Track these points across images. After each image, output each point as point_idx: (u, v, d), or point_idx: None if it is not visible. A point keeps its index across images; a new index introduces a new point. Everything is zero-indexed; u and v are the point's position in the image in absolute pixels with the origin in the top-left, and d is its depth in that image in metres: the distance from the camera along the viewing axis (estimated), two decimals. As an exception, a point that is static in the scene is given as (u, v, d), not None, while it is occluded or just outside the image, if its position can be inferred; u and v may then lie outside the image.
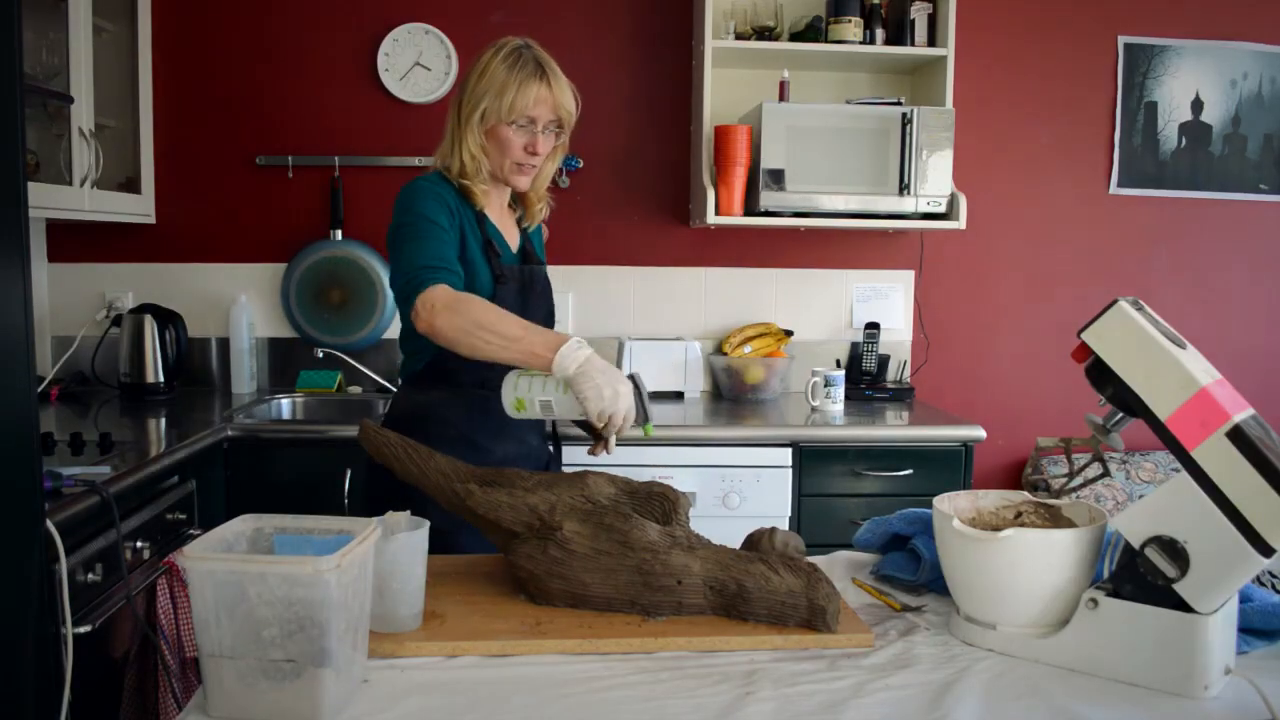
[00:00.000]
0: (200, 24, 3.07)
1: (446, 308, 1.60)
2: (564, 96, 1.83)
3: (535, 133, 1.81)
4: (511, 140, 1.80)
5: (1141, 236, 3.35)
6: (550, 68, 1.82)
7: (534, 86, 1.78)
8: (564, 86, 1.83)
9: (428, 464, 1.44)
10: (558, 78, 1.82)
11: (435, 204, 1.76)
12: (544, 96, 1.79)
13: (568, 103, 1.84)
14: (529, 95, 1.78)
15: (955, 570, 1.25)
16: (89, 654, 1.67)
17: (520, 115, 1.78)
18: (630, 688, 1.12)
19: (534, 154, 1.82)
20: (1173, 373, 1.11)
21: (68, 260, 3.08)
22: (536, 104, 1.79)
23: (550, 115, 1.82)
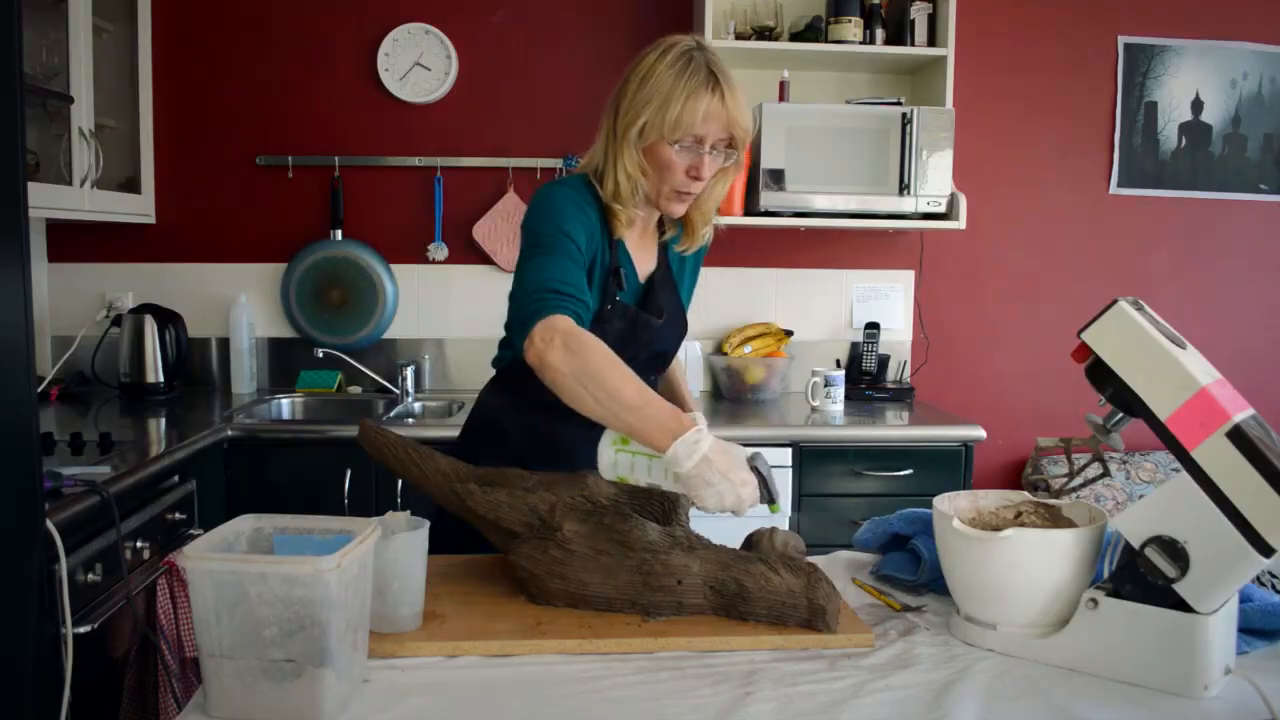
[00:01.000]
0: (200, 24, 3.07)
1: (564, 345, 1.36)
2: (739, 111, 1.55)
3: (701, 154, 1.55)
4: (673, 162, 1.55)
5: (1141, 236, 3.35)
6: (725, 77, 1.54)
7: (704, 99, 1.51)
8: (739, 99, 1.55)
9: (428, 464, 1.44)
10: (733, 89, 1.54)
11: (577, 221, 1.53)
12: (715, 111, 1.52)
13: (743, 119, 1.56)
14: (697, 109, 1.51)
15: (955, 570, 1.25)
16: (89, 654, 1.67)
17: (686, 133, 1.53)
18: (630, 688, 1.12)
19: (697, 179, 1.56)
20: (1173, 373, 1.11)
21: (68, 260, 3.08)
22: (706, 120, 1.52)
23: (721, 133, 1.55)
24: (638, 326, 1.64)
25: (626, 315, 1.62)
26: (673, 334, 1.73)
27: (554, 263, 1.47)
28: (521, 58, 3.14)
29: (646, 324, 1.65)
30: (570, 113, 3.16)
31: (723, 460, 1.30)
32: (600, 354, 1.36)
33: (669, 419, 1.30)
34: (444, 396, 3.09)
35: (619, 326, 1.61)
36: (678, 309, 1.74)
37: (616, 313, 1.61)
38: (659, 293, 1.69)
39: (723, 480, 1.29)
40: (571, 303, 1.43)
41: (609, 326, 1.60)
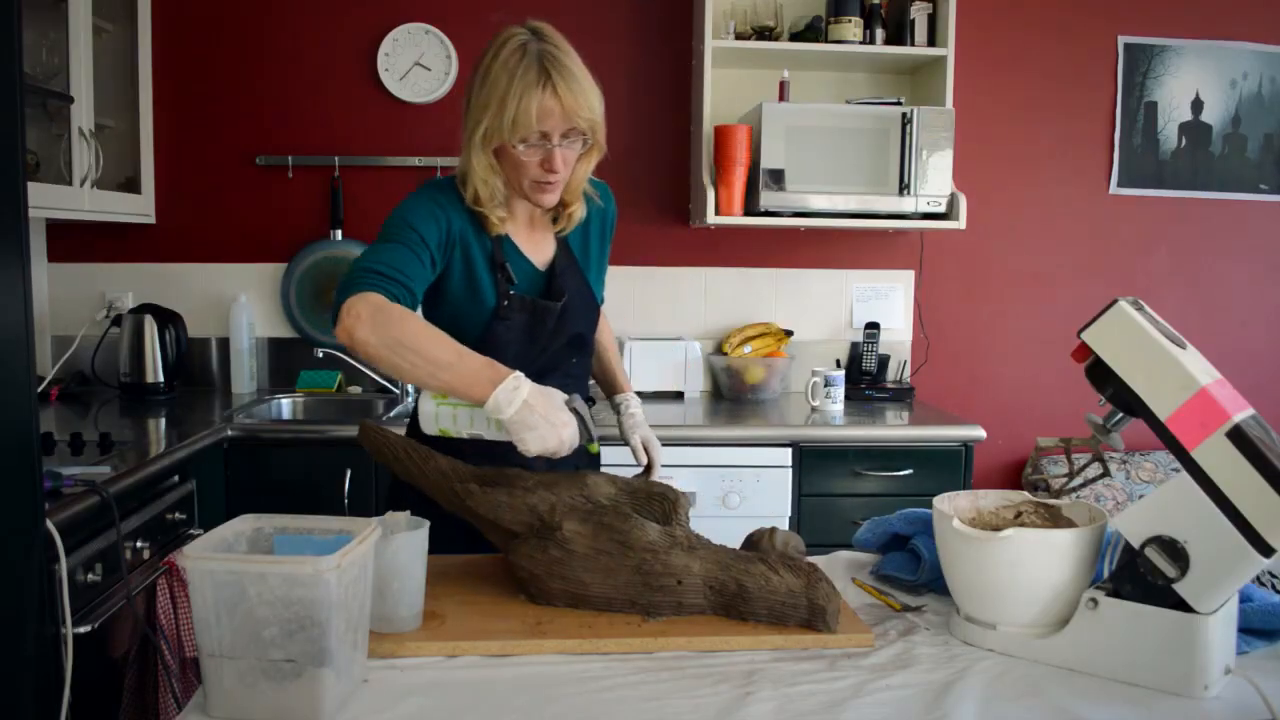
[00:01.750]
0: (200, 24, 3.07)
1: (370, 319, 1.37)
2: (577, 101, 1.50)
3: (550, 147, 1.52)
4: (522, 160, 1.53)
5: (1141, 236, 3.35)
6: (558, 66, 1.50)
7: (536, 97, 1.48)
8: (577, 88, 1.51)
9: (427, 464, 1.44)
10: (568, 79, 1.50)
11: (428, 215, 1.55)
12: (551, 107, 1.49)
13: (584, 108, 1.52)
14: (531, 109, 1.48)
15: (955, 570, 1.25)
16: (89, 654, 1.67)
17: (526, 133, 1.50)
18: (630, 688, 1.12)
19: (552, 172, 1.55)
20: (1173, 373, 1.11)
21: (68, 260, 3.08)
22: (543, 117, 1.49)
23: (563, 125, 1.51)
24: (540, 314, 1.65)
25: (524, 305, 1.63)
26: (583, 316, 1.72)
27: (386, 248, 1.48)
28: (521, 58, 3.13)
29: (547, 310, 1.65)
30: (570, 113, 3.15)
31: (541, 403, 1.35)
32: (409, 320, 1.40)
33: (485, 369, 1.36)
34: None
35: (521, 318, 1.63)
36: (583, 290, 1.73)
37: (514, 305, 1.62)
38: (562, 278, 1.68)
39: (543, 422, 1.34)
40: (388, 283, 1.43)
41: (511, 320, 1.62)
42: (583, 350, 1.77)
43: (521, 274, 1.65)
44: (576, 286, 1.71)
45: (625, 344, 3.01)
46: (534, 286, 1.67)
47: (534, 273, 1.68)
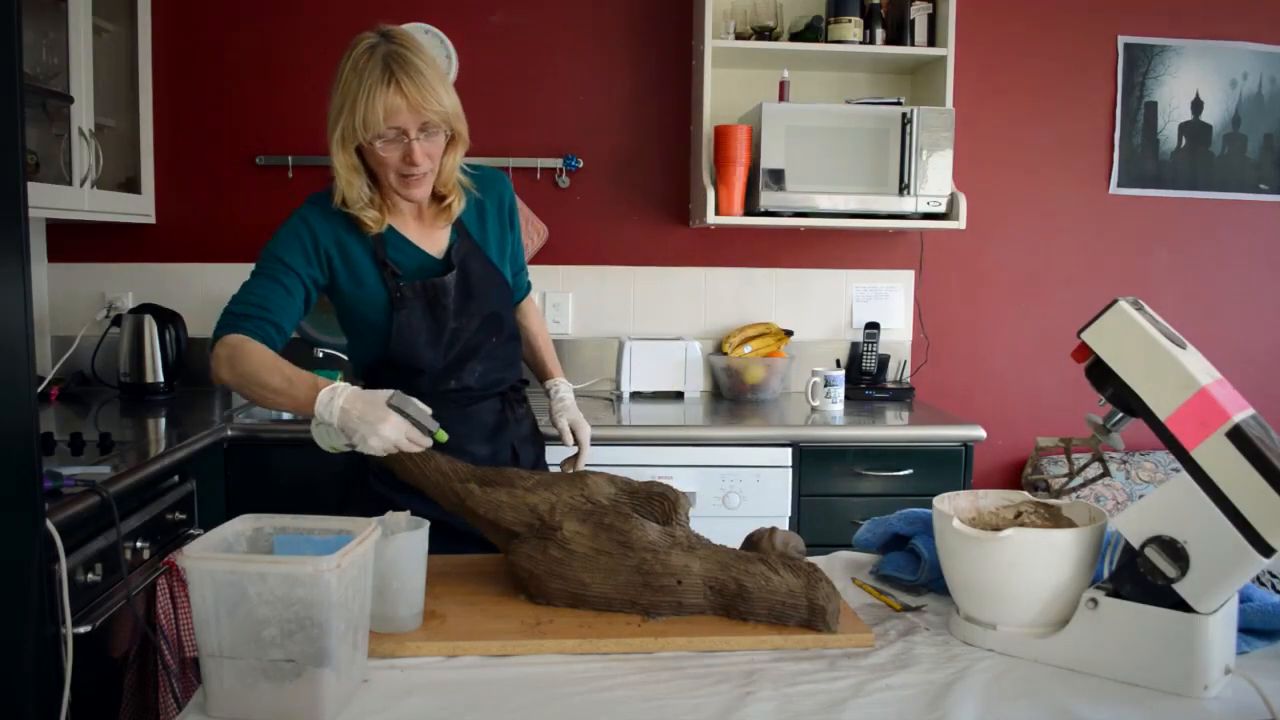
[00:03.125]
0: (200, 24, 3.07)
1: (228, 360, 1.57)
2: (423, 97, 1.56)
3: (408, 142, 1.59)
4: (382, 157, 1.60)
5: (1141, 236, 3.35)
6: (403, 65, 1.56)
7: (382, 95, 1.54)
8: (423, 84, 1.57)
9: (427, 464, 1.44)
10: (414, 76, 1.56)
11: (290, 238, 1.67)
12: (397, 105, 1.55)
13: (431, 103, 1.57)
14: (378, 107, 1.54)
15: (955, 570, 1.25)
16: (89, 654, 1.67)
17: (379, 130, 1.56)
18: (630, 688, 1.12)
19: (413, 164, 1.61)
20: (1173, 373, 1.11)
21: (68, 260, 3.08)
22: (391, 114, 1.55)
23: (416, 120, 1.58)
24: (436, 295, 1.71)
25: (416, 291, 1.70)
26: (491, 294, 1.78)
27: (251, 284, 1.65)
28: (521, 58, 3.14)
29: (440, 289, 1.71)
30: (570, 113, 3.16)
31: (358, 406, 1.44)
32: (253, 357, 1.56)
33: (308, 389, 1.49)
34: (444, 396, 3.08)
35: (420, 305, 1.70)
36: (488, 271, 1.79)
37: (407, 293, 1.69)
38: (462, 262, 1.75)
39: (361, 423, 1.43)
40: (246, 321, 1.61)
41: (410, 308, 1.70)
42: (501, 330, 1.82)
43: (413, 262, 1.73)
44: (479, 268, 1.77)
45: (625, 344, 3.01)
46: (430, 274, 1.74)
47: (428, 260, 1.74)
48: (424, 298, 1.71)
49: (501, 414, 1.83)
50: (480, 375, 1.79)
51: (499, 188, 1.85)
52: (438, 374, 1.75)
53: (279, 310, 1.64)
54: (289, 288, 1.65)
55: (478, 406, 1.80)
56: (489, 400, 1.82)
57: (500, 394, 1.84)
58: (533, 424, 1.95)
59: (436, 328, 1.72)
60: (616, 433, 2.60)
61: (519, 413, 1.89)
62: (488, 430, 1.81)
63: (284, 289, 1.65)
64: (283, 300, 1.64)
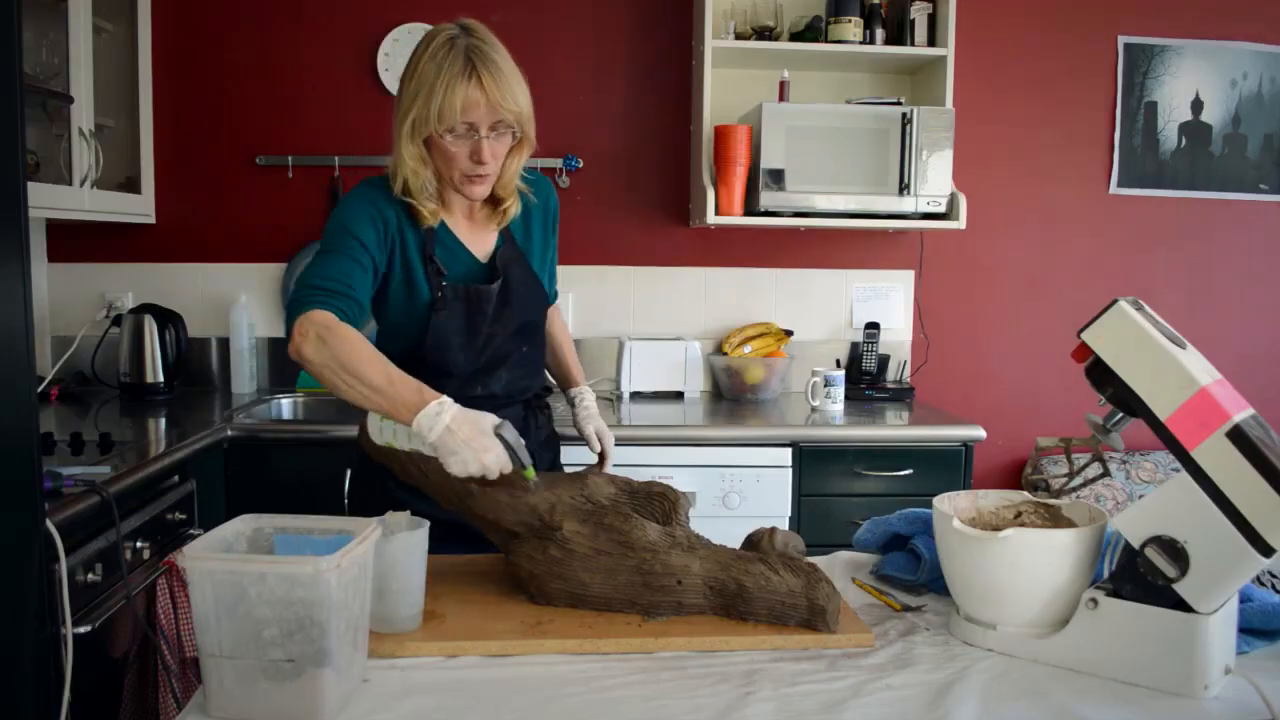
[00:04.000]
0: (200, 24, 3.07)
1: (318, 338, 1.45)
2: (501, 94, 1.54)
3: (478, 139, 1.56)
4: (451, 151, 1.57)
5: (1141, 236, 3.35)
6: (484, 60, 1.54)
7: (461, 88, 1.52)
8: (503, 82, 1.55)
9: (427, 464, 1.44)
10: (494, 73, 1.54)
11: (364, 217, 1.60)
12: (476, 99, 1.53)
13: (509, 101, 1.55)
14: (456, 100, 1.52)
15: (955, 570, 1.25)
16: (89, 654, 1.67)
17: (452, 123, 1.54)
18: (630, 688, 1.12)
19: (481, 163, 1.58)
20: (1173, 373, 1.11)
21: (68, 260, 3.08)
22: (469, 108, 1.53)
23: (490, 117, 1.56)
24: (478, 301, 1.68)
25: (459, 294, 1.66)
26: (530, 304, 1.76)
27: (329, 260, 1.55)
28: (521, 58, 3.10)
29: (484, 295, 1.68)
30: (570, 112, 3.16)
31: (465, 429, 1.37)
32: (350, 343, 1.45)
33: (412, 396, 1.39)
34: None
35: (460, 307, 1.66)
36: (528, 279, 1.76)
37: (449, 295, 1.65)
38: (505, 268, 1.71)
39: (464, 447, 1.35)
40: (335, 298, 1.50)
41: (450, 310, 1.65)
42: (533, 339, 1.80)
43: (460, 264, 1.69)
44: (521, 276, 1.74)
45: (625, 344, 3.01)
46: (474, 278, 1.71)
47: (474, 263, 1.71)
48: (465, 302, 1.67)
49: (524, 421, 1.80)
50: (507, 383, 1.75)
51: (546, 193, 1.81)
52: (466, 378, 1.70)
53: (362, 290, 1.56)
54: (364, 266, 1.58)
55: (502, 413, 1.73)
56: (513, 407, 1.78)
57: (525, 401, 1.81)
58: (551, 429, 1.93)
59: (472, 332, 1.68)
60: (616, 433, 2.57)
61: (540, 419, 1.86)
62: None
63: (360, 267, 1.57)
64: (361, 279, 1.56)
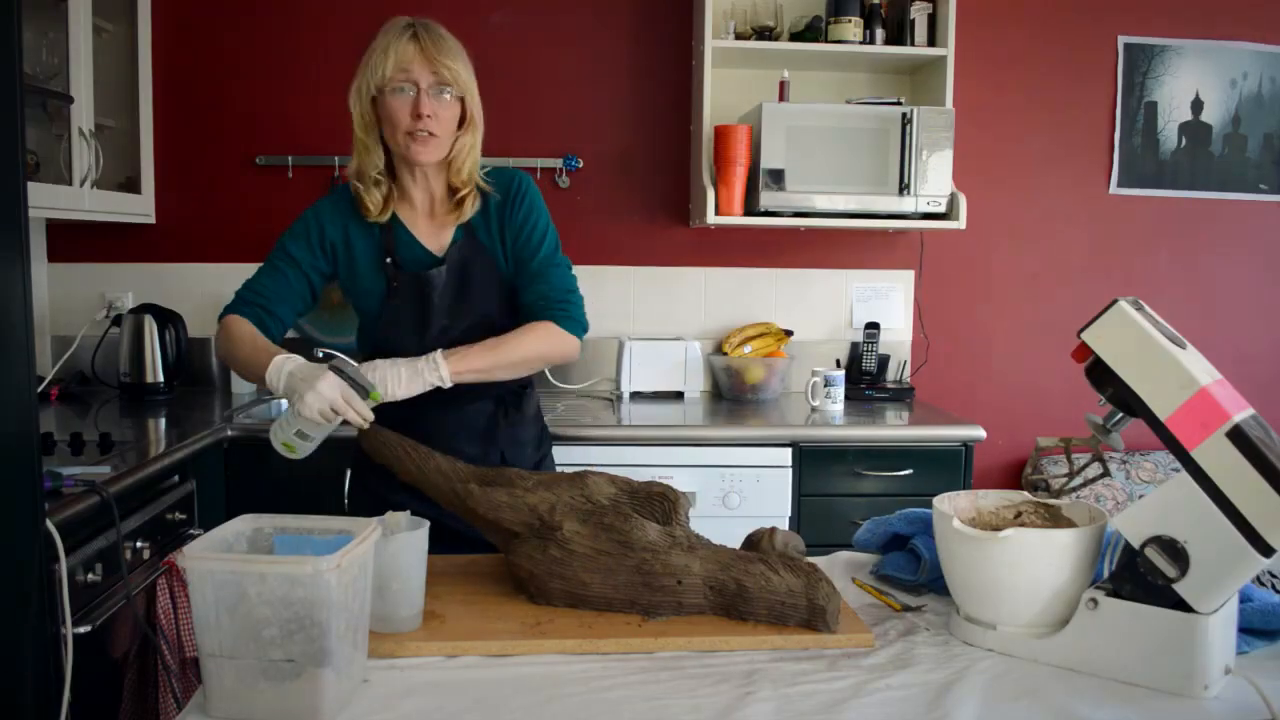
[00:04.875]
0: (200, 24, 3.07)
1: (220, 338, 1.73)
2: (438, 51, 1.67)
3: (417, 93, 1.66)
4: (394, 108, 1.67)
5: (1141, 236, 3.35)
6: (426, 28, 1.69)
7: (401, 45, 1.66)
8: (441, 45, 1.68)
9: (427, 464, 1.44)
10: (434, 36, 1.68)
11: (299, 231, 1.78)
12: (411, 54, 1.66)
13: (448, 59, 1.68)
14: (395, 54, 1.65)
15: (955, 570, 1.25)
16: (89, 654, 1.67)
17: (392, 77, 1.65)
18: (630, 688, 1.12)
19: (419, 117, 1.66)
20: (1173, 373, 1.11)
21: (68, 260, 3.08)
22: (405, 61, 1.65)
23: (429, 74, 1.67)
24: (425, 289, 1.75)
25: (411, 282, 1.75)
26: (490, 298, 1.79)
27: (258, 274, 1.78)
28: (521, 58, 3.14)
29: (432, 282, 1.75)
30: (570, 113, 3.16)
31: (302, 371, 1.55)
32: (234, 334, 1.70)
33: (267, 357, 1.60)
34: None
35: (409, 294, 1.75)
36: (489, 274, 1.78)
37: (403, 286, 1.75)
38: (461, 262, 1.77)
39: (303, 384, 1.51)
40: (244, 306, 1.75)
41: (403, 298, 1.75)
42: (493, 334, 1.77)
43: (415, 258, 1.77)
44: (481, 270, 1.78)
45: (625, 344, 3.01)
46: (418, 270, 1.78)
47: (427, 258, 1.78)
48: (414, 289, 1.75)
49: (493, 417, 1.82)
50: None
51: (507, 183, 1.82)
52: None
53: (275, 298, 1.76)
54: (289, 276, 1.77)
55: (470, 407, 1.79)
56: (481, 402, 1.81)
57: (495, 397, 1.83)
58: (537, 430, 1.93)
59: (423, 322, 1.75)
60: (616, 433, 2.60)
61: (514, 417, 1.86)
62: (477, 431, 1.81)
63: (284, 278, 1.77)
64: (280, 288, 1.76)
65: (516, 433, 1.86)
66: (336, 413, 1.50)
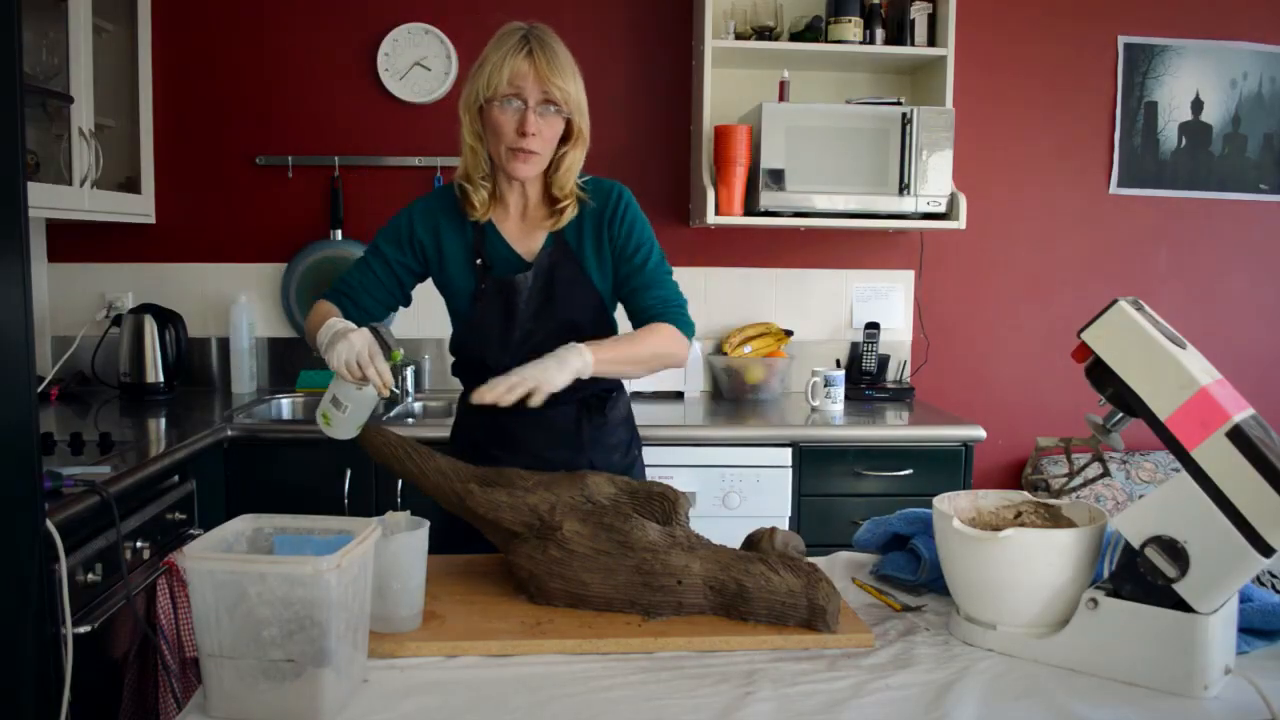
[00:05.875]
0: (200, 24, 3.07)
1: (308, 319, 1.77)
2: (550, 69, 1.65)
3: (524, 109, 1.66)
4: (500, 121, 1.67)
5: (1141, 236, 3.35)
6: (541, 43, 1.67)
7: (514, 60, 1.65)
8: (554, 61, 1.66)
9: (428, 464, 1.44)
10: (547, 52, 1.66)
11: (392, 230, 1.82)
12: (524, 70, 1.64)
13: (559, 79, 1.66)
14: (507, 68, 1.65)
15: (955, 570, 1.25)
16: (89, 654, 1.67)
17: (503, 90, 1.65)
18: (630, 688, 1.12)
19: (524, 134, 1.66)
20: (1173, 373, 1.11)
21: (68, 260, 3.08)
22: (517, 77, 1.65)
23: (539, 91, 1.66)
24: (512, 293, 1.76)
25: (496, 285, 1.77)
26: (576, 303, 1.79)
27: (351, 268, 1.84)
28: (521, 58, 3.13)
29: (519, 287, 1.76)
30: (570, 113, 3.15)
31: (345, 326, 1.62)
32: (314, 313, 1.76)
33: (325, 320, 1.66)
34: (444, 396, 3.09)
35: (496, 299, 1.76)
36: (576, 279, 1.78)
37: (491, 287, 1.76)
38: (549, 267, 1.77)
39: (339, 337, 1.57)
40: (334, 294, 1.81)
41: (490, 301, 1.76)
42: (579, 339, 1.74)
43: (505, 261, 1.78)
44: (567, 276, 1.78)
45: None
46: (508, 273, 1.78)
47: (516, 261, 1.78)
48: (500, 293, 1.76)
49: (577, 421, 1.80)
50: None
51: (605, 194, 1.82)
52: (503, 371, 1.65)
53: (361, 291, 1.81)
54: (377, 271, 1.82)
55: (553, 412, 1.72)
56: (566, 406, 1.76)
57: (580, 400, 1.79)
58: (627, 434, 1.91)
59: (508, 326, 1.75)
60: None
61: (597, 420, 1.83)
62: (561, 436, 1.78)
63: (372, 272, 1.82)
64: (368, 281, 1.82)
65: (602, 436, 1.84)
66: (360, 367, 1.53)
